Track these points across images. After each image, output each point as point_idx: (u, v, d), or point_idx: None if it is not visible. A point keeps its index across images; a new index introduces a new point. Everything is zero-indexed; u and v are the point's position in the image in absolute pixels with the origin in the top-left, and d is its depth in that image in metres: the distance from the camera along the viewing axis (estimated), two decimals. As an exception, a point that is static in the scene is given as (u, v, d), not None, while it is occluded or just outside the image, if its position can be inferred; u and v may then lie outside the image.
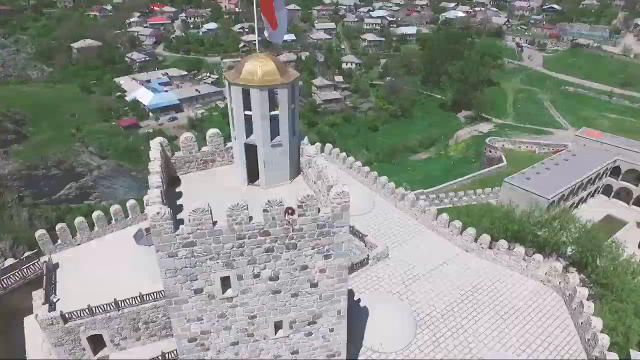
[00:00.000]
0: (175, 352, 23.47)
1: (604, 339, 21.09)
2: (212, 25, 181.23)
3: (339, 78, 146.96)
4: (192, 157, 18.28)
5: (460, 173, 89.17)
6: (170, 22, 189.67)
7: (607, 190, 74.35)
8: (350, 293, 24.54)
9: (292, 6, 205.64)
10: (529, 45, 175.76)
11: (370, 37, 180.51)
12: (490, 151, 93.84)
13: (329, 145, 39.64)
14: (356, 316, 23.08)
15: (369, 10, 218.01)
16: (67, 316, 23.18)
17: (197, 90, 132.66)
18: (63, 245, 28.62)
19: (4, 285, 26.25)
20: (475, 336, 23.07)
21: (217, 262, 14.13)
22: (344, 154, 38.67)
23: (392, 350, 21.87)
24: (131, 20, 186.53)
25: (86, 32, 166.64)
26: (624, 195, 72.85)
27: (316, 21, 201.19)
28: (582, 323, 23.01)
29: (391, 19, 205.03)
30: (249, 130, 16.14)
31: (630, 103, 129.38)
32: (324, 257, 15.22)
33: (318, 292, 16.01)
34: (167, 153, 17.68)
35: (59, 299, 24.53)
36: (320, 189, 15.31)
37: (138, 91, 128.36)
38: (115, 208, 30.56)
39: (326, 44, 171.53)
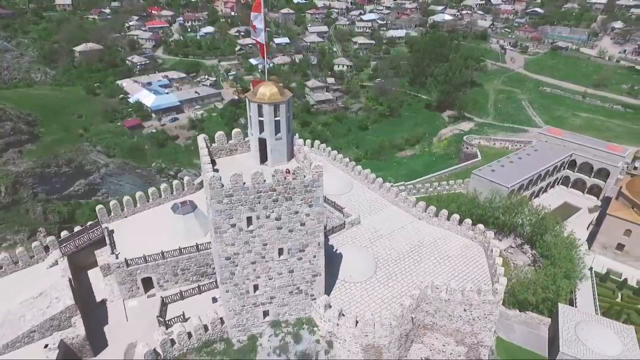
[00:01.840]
0: (207, 285, 33.64)
1: (501, 269, 31.53)
2: (210, 28, 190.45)
3: (331, 80, 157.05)
4: (222, 147, 28.44)
5: (441, 168, 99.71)
6: (168, 25, 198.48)
7: (566, 181, 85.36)
8: (331, 247, 34.95)
9: (286, 10, 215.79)
10: (512, 48, 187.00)
11: (361, 40, 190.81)
12: (467, 148, 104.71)
13: (317, 142, 49.90)
14: (335, 260, 33.37)
15: (360, 13, 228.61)
16: (128, 262, 33.03)
17: (196, 92, 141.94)
18: (115, 217, 38.47)
19: (77, 245, 36.17)
20: (417, 273, 33.39)
21: (244, 207, 24.23)
22: (329, 148, 48.98)
23: (358, 280, 32.15)
24: (130, 23, 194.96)
25: (87, 35, 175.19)
26: (580, 185, 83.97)
27: (309, 24, 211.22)
28: (491, 263, 33.45)
29: (381, 22, 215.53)
30: (261, 130, 26.28)
31: (602, 103, 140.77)
32: (308, 206, 25.41)
33: (305, 229, 26.19)
34: (208, 144, 27.74)
35: (119, 253, 34.35)
36: (306, 164, 25.45)
37: (141, 93, 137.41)
38: (152, 190, 40.37)
39: (319, 47, 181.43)
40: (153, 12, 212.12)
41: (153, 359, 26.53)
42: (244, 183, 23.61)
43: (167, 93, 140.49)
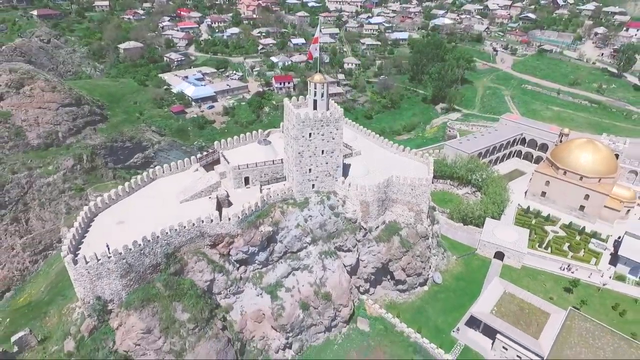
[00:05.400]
0: (280, 178, 67.24)
1: (432, 170, 64.87)
2: (235, 29, 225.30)
3: (341, 76, 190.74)
4: (295, 104, 62.17)
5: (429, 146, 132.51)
6: (197, 26, 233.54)
7: (519, 154, 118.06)
8: (345, 162, 68.61)
9: (301, 13, 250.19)
10: (503, 50, 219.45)
11: (368, 41, 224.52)
12: (449, 131, 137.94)
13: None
14: (347, 168, 67.00)
15: (369, 17, 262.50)
16: (239, 166, 66.62)
17: (227, 85, 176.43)
18: (225, 148, 72.27)
19: (207, 160, 70.10)
20: (388, 172, 66.64)
21: (308, 127, 58.04)
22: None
23: (358, 176, 65.70)
24: (163, 24, 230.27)
25: (128, 34, 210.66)
26: (529, 157, 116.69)
27: (322, 26, 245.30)
28: (428, 170, 66.83)
29: (387, 25, 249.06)
30: (314, 95, 60.01)
31: (573, 99, 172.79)
32: (336, 129, 59.23)
33: (334, 141, 60.04)
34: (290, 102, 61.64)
35: (230, 162, 67.98)
36: (335, 110, 59.06)
37: (181, 84, 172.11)
38: (242, 135, 74.07)
39: (331, 47, 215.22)
40: (182, 13, 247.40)
41: (262, 202, 60.22)
42: (309, 117, 57.21)
43: (203, 85, 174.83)
